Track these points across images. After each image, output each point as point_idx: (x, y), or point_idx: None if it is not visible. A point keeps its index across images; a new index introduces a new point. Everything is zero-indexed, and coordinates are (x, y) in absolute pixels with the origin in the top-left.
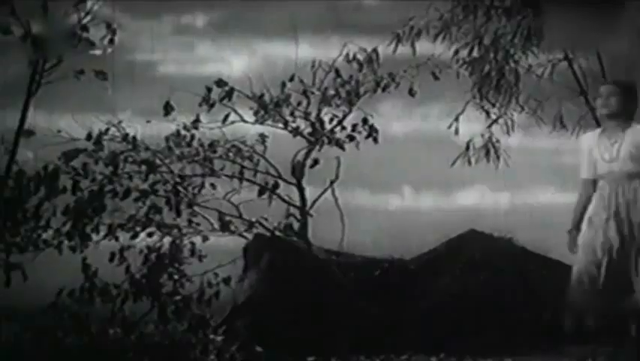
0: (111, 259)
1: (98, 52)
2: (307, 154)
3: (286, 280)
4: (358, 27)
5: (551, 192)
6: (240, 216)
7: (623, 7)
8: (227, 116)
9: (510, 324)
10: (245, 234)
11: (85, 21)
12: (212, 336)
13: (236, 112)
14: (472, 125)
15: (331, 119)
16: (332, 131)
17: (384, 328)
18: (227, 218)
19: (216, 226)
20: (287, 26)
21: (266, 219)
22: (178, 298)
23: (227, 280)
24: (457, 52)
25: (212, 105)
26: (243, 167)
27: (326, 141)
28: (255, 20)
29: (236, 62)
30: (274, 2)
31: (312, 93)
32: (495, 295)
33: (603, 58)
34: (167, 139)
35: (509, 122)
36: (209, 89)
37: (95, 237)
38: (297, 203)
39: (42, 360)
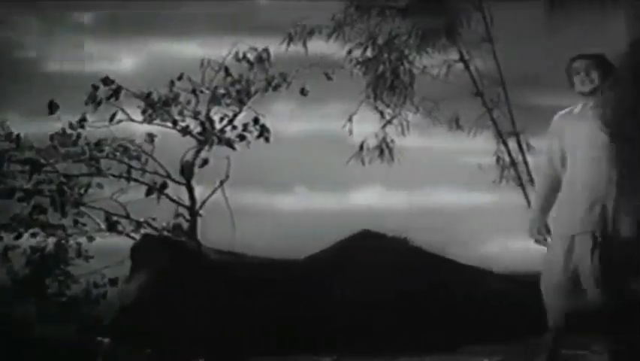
0: None
1: None
2: (196, 153)
3: (175, 281)
4: (250, 26)
5: (448, 192)
6: (128, 217)
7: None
8: (114, 115)
9: (406, 324)
10: (132, 234)
11: None
12: (99, 338)
13: (123, 111)
14: (366, 126)
15: (221, 119)
16: (222, 130)
17: (278, 329)
18: (115, 218)
19: (103, 226)
20: (176, 24)
21: (154, 220)
22: (64, 299)
23: (114, 281)
24: (350, 52)
25: (98, 104)
26: (130, 166)
27: (216, 140)
28: (144, 18)
29: (125, 60)
30: (164, 0)
31: (202, 92)
32: (390, 295)
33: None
34: (51, 138)
35: (404, 123)
36: (95, 87)
37: None
38: (187, 203)
39: None
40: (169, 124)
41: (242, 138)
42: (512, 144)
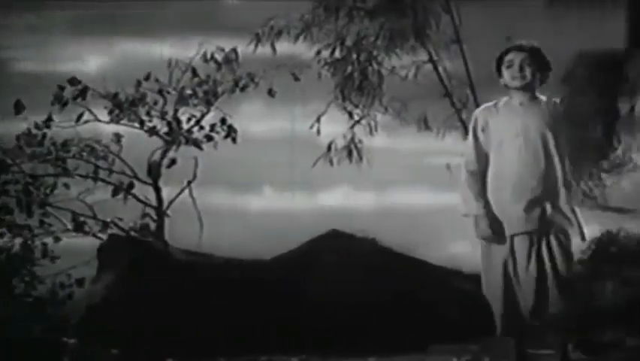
0: None
1: None
2: (164, 154)
3: (142, 281)
4: (218, 26)
5: (417, 192)
6: (94, 217)
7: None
8: (80, 115)
9: (375, 325)
10: (99, 234)
11: None
12: (66, 339)
13: (90, 111)
14: (334, 126)
15: (189, 119)
16: (189, 131)
17: (246, 329)
18: (81, 218)
19: (69, 226)
20: (143, 24)
21: (121, 220)
22: (30, 299)
23: (80, 282)
24: (318, 52)
25: (65, 104)
26: (97, 166)
27: (183, 140)
28: (112, 18)
29: (92, 60)
30: (131, 0)
31: (169, 92)
32: (359, 295)
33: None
34: (18, 138)
35: (372, 123)
36: (61, 88)
37: None
38: (154, 203)
39: None
40: (136, 124)
41: (209, 138)
42: None
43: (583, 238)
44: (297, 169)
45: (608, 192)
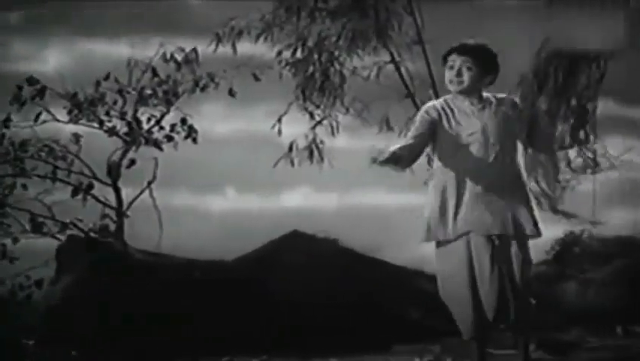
0: None
1: None
2: (123, 154)
3: (101, 282)
4: (178, 26)
5: (378, 193)
6: (53, 218)
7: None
8: (39, 115)
9: (338, 325)
10: (58, 235)
11: None
12: (25, 340)
13: (48, 111)
14: (296, 127)
15: (148, 119)
16: (149, 131)
17: (207, 330)
18: (40, 219)
19: (28, 227)
20: (103, 24)
21: (80, 221)
22: None
23: (39, 283)
24: (279, 53)
25: (23, 104)
26: (55, 167)
27: (143, 141)
28: (70, 17)
29: (51, 59)
30: (91, 0)
31: (128, 92)
32: (321, 295)
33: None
34: None
35: (334, 124)
36: (19, 87)
37: None
38: (113, 204)
39: None
40: (95, 124)
41: (169, 138)
42: None
43: (538, 235)
44: (258, 170)
45: (567, 195)
